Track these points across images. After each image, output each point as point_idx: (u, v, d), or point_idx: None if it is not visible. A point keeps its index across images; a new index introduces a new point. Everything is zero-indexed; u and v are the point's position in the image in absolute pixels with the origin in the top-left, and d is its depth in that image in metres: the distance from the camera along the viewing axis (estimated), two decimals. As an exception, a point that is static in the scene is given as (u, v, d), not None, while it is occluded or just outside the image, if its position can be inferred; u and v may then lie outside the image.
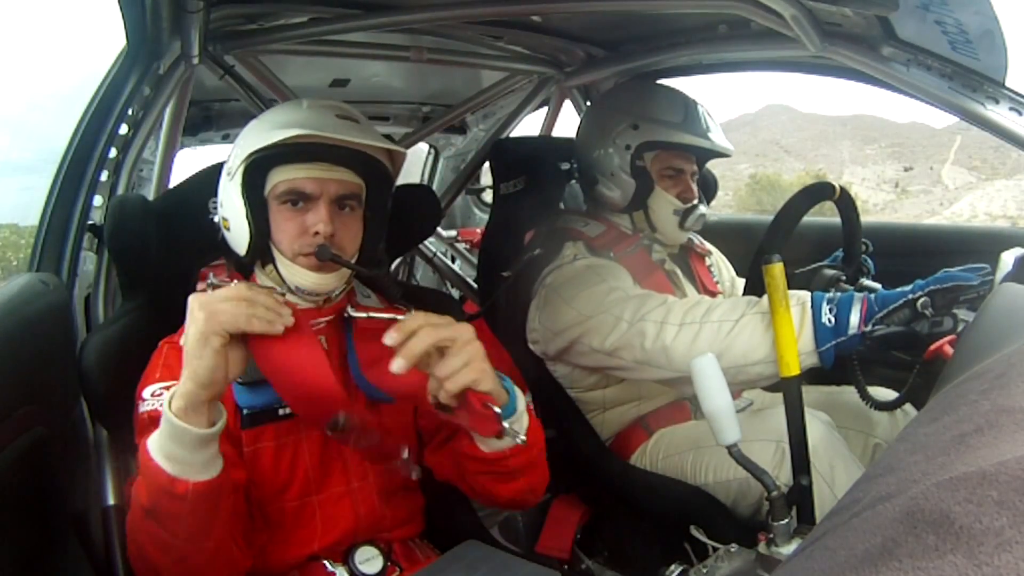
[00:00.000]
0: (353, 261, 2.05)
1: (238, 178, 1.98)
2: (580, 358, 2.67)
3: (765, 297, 2.15)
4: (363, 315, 2.06)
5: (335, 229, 1.97)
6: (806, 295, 2.20)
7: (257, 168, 1.96)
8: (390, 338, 1.67)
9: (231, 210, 2.03)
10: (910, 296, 2.07)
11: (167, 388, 1.81)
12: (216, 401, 1.65)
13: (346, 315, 2.10)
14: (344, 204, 2.02)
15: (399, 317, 1.87)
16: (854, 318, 2.12)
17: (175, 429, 1.59)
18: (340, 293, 2.12)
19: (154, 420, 1.75)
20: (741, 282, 3.11)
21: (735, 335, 2.24)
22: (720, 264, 3.27)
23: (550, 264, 2.82)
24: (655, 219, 2.89)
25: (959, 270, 2.07)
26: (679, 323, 2.34)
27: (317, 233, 1.94)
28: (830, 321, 2.14)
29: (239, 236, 2.03)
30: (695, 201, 2.89)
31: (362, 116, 2.08)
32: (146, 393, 1.89)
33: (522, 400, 1.92)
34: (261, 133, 1.96)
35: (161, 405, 1.69)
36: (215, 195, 2.08)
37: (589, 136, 3.01)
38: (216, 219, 2.08)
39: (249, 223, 1.99)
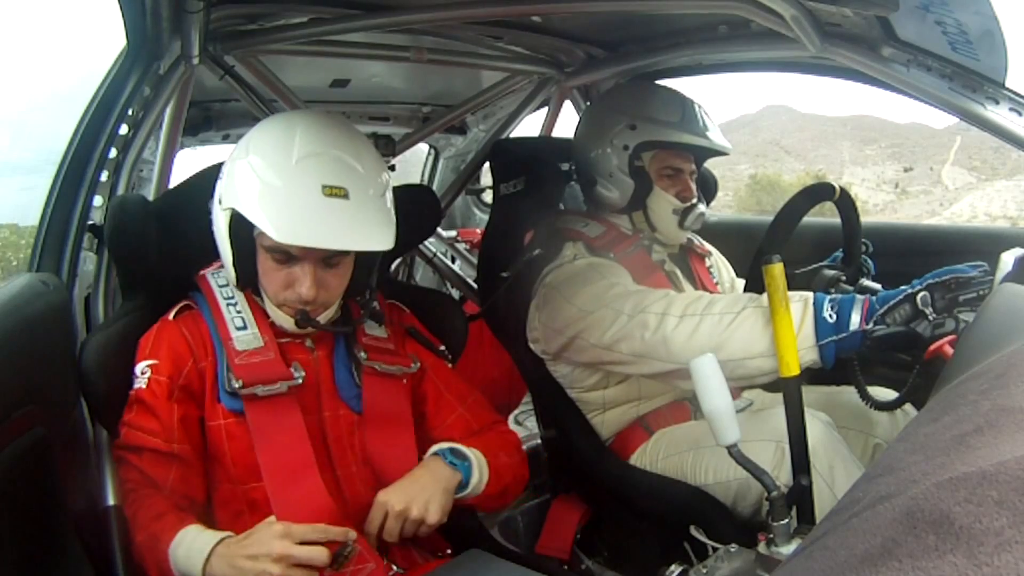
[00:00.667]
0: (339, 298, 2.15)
1: (226, 218, 2.01)
2: (579, 355, 2.67)
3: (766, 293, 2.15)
4: (376, 366, 2.21)
5: (319, 288, 2.03)
6: (809, 293, 2.20)
7: (243, 217, 1.96)
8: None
9: (220, 243, 2.07)
10: (909, 291, 2.07)
11: (150, 366, 1.99)
12: None
13: (358, 354, 2.21)
14: (331, 259, 2.04)
15: (406, 369, 2.26)
16: (855, 316, 2.11)
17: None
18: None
19: (138, 400, 1.97)
20: (741, 282, 3.12)
21: (735, 327, 2.23)
22: (720, 264, 3.26)
23: (550, 264, 2.82)
24: (654, 219, 2.89)
25: (957, 266, 2.08)
26: (680, 315, 2.34)
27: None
28: (831, 317, 2.13)
29: (228, 269, 2.09)
30: (694, 200, 2.89)
31: (354, 175, 1.99)
32: (137, 370, 2.01)
33: (476, 470, 2.15)
34: (246, 185, 1.96)
35: (142, 386, 1.98)
36: (214, 196, 2.09)
37: (587, 137, 3.01)
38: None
39: (236, 268, 2.07)
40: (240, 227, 1.99)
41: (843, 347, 2.14)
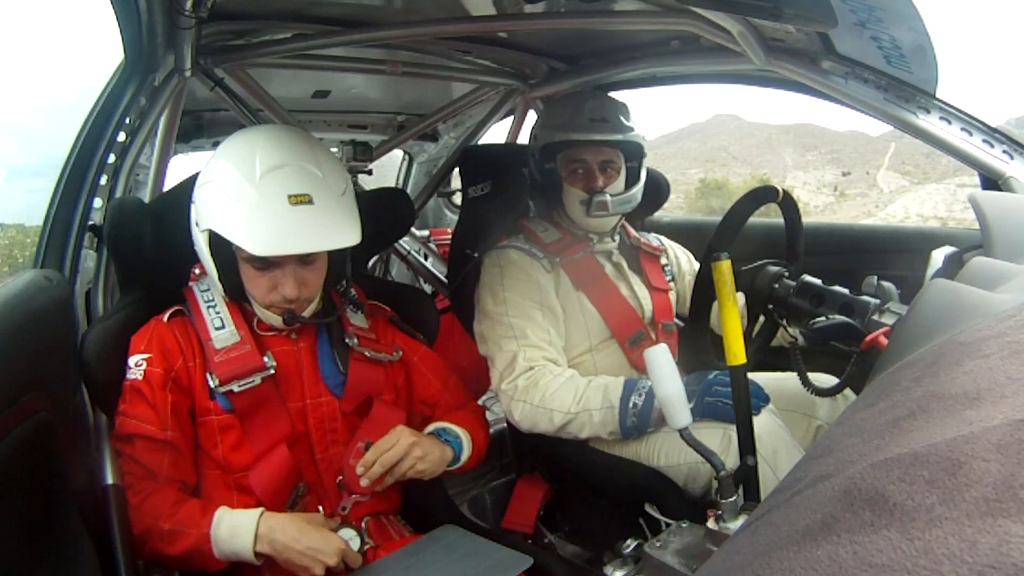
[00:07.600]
0: (319, 291, 2.18)
1: (205, 238, 2.02)
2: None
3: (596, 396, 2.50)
4: (366, 353, 2.26)
5: (300, 286, 2.05)
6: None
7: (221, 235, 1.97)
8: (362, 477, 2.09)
9: (204, 261, 2.08)
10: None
11: (145, 359, 2.01)
12: None
13: (348, 341, 2.25)
14: (307, 258, 2.05)
15: (390, 357, 2.31)
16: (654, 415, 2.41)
17: (247, 555, 1.89)
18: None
19: (134, 388, 1.99)
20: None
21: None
22: (677, 259, 3.24)
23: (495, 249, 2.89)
24: (570, 212, 2.93)
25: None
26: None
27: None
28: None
29: (216, 283, 2.11)
30: (600, 187, 2.88)
31: (316, 181, 2.00)
32: (131, 362, 2.03)
33: (465, 446, 2.31)
34: (218, 207, 1.96)
35: (138, 377, 2.00)
36: (191, 219, 2.11)
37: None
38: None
39: (222, 282, 2.08)
40: (219, 244, 2.00)
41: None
